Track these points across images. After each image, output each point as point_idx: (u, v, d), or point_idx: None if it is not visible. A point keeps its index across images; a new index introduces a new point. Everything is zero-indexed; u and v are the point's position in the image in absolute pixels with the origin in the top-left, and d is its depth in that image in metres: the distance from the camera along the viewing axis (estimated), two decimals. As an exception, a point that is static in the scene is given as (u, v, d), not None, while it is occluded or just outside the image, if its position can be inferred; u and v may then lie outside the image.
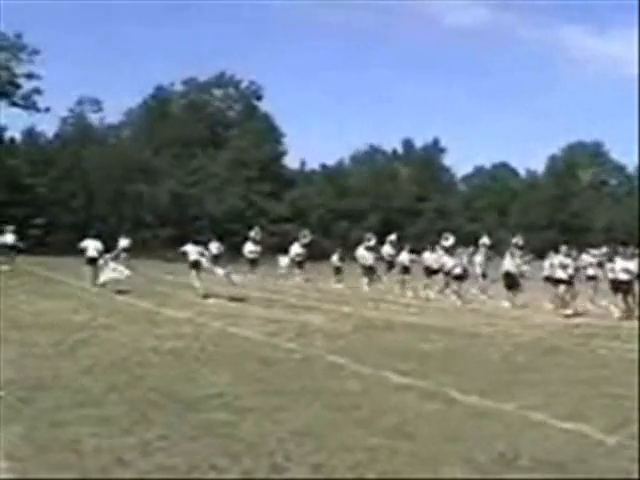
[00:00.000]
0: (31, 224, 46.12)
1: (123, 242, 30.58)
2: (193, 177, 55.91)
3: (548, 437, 7.09)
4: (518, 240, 23.92)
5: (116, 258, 24.85)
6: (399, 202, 65.97)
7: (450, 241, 25.57)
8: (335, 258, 30.97)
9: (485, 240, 26.22)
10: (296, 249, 31.65)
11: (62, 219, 44.86)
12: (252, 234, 33.23)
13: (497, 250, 26.89)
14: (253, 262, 32.18)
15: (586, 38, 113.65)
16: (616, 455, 6.52)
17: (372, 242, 28.66)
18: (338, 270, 30.52)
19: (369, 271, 28.09)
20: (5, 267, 29.63)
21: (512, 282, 21.67)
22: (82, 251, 24.96)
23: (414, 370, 10.32)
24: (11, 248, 31.09)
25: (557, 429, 7.38)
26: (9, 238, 31.23)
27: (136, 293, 21.64)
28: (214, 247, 35.40)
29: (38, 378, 9.22)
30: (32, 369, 9.85)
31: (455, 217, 64.70)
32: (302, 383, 9.31)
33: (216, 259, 33.60)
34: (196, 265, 21.46)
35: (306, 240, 31.95)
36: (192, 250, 21.91)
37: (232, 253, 34.51)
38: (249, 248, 32.78)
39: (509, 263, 21.98)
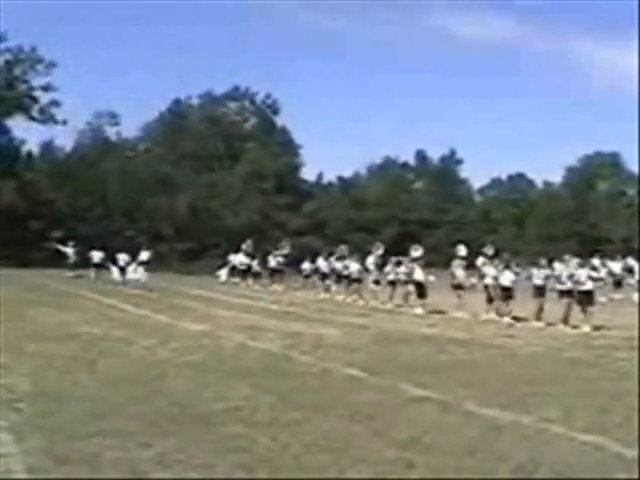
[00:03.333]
0: (49, 237, 46.34)
1: (143, 255, 32.57)
2: (210, 190, 56.04)
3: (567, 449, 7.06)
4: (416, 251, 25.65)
5: (134, 269, 26.65)
6: (416, 214, 65.83)
7: (419, 252, 26.97)
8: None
9: (415, 253, 27.69)
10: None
11: (80, 232, 45.00)
12: (244, 246, 34.77)
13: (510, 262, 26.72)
14: (243, 273, 34.24)
15: (602, 49, 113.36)
16: (635, 468, 6.47)
17: (344, 253, 31.10)
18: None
19: (324, 277, 30.08)
20: (70, 274, 34.78)
21: (422, 290, 23.19)
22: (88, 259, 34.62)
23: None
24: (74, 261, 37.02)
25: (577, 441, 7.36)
26: (70, 251, 36.83)
27: (152, 305, 21.76)
28: (233, 258, 36.18)
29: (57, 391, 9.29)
30: (51, 381, 9.92)
31: (472, 229, 64.40)
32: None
33: (234, 270, 34.91)
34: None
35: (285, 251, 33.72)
36: (95, 255, 34.16)
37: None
38: (240, 259, 34.15)
39: (419, 274, 23.66)
